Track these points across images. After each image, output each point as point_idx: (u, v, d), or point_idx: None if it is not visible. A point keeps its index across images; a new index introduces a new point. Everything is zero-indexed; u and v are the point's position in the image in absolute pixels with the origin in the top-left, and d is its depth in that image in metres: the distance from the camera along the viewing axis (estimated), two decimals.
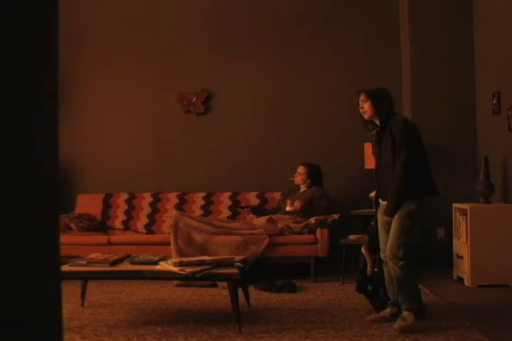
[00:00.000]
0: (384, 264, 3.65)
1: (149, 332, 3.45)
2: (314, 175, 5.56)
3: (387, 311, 3.65)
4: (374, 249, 3.82)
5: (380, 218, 3.65)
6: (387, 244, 3.53)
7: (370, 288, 3.92)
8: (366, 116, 3.70)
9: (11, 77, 0.90)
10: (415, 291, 3.52)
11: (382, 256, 3.68)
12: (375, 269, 3.84)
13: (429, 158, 3.61)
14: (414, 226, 3.51)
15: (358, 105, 3.74)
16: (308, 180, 5.55)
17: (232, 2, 6.26)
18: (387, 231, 3.58)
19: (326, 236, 5.10)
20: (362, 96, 3.71)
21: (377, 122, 3.67)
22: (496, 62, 5.17)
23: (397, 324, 3.41)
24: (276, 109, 6.16)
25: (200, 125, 6.23)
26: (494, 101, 5.11)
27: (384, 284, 3.70)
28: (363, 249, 3.93)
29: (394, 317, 3.56)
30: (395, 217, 3.48)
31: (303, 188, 5.60)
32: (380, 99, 3.65)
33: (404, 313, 3.45)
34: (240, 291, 3.78)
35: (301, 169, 5.58)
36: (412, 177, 3.45)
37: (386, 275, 3.64)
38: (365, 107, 3.68)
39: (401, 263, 3.45)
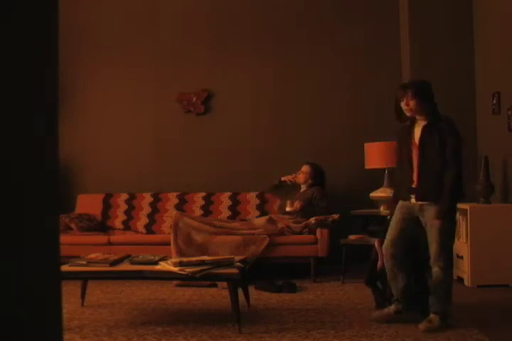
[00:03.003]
0: (387, 260, 3.62)
1: (149, 332, 3.45)
2: (317, 175, 5.55)
3: (392, 308, 3.61)
4: None
5: (400, 215, 3.59)
6: (431, 246, 3.48)
7: (379, 285, 3.89)
8: (409, 113, 3.53)
9: (11, 77, 0.90)
10: (448, 294, 3.49)
11: (384, 252, 3.64)
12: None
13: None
14: (455, 227, 3.57)
15: (399, 99, 3.54)
16: (310, 180, 5.55)
17: (232, 2, 6.26)
18: (401, 229, 3.57)
19: (326, 236, 5.10)
20: (409, 93, 3.50)
21: (420, 118, 3.52)
22: (496, 62, 5.17)
23: (423, 325, 3.40)
24: (276, 108, 6.16)
25: (200, 125, 6.23)
26: (494, 101, 5.11)
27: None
28: (376, 243, 3.91)
29: (398, 314, 3.56)
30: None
31: (303, 188, 5.60)
32: (427, 96, 3.51)
33: (431, 316, 3.44)
34: (240, 291, 3.78)
35: (305, 168, 5.57)
36: (460, 180, 3.47)
37: (389, 273, 3.61)
38: (411, 104, 3.50)
39: (443, 265, 3.44)
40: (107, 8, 6.35)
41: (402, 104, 3.53)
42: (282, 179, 5.60)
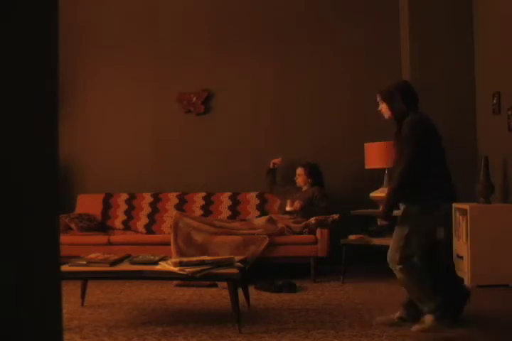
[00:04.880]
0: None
1: (149, 332, 3.45)
2: (314, 174, 5.59)
3: (396, 314, 3.58)
4: None
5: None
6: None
7: None
8: (386, 117, 3.58)
9: (11, 77, 0.90)
10: (424, 290, 3.38)
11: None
12: None
13: (445, 161, 3.44)
14: (417, 232, 3.38)
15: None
16: (309, 180, 5.58)
17: (232, 2, 6.26)
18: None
19: (326, 236, 5.10)
20: (378, 98, 3.59)
21: (395, 121, 3.54)
22: (495, 62, 5.17)
23: (414, 327, 3.35)
24: (276, 108, 6.17)
25: (200, 125, 6.23)
26: (494, 101, 5.11)
27: None
28: None
29: (401, 320, 3.52)
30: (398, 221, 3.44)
31: (304, 188, 5.62)
32: (393, 99, 3.50)
33: (425, 317, 3.36)
34: (240, 291, 3.78)
35: (299, 170, 5.63)
36: (412, 184, 3.32)
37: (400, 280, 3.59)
38: (382, 109, 3.57)
39: (399, 267, 3.38)
40: (107, 8, 6.35)
41: (378, 109, 3.62)
42: (272, 161, 5.78)
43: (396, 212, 3.62)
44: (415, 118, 3.42)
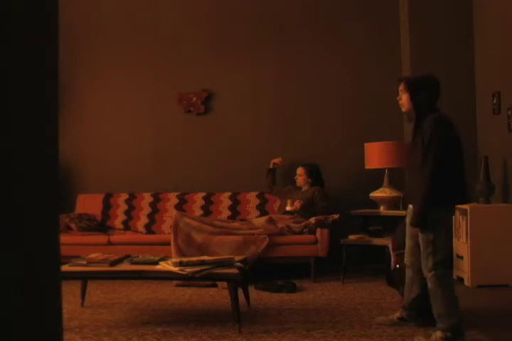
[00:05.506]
0: (407, 268, 3.51)
1: (149, 332, 3.45)
2: (314, 174, 5.60)
3: (396, 314, 3.56)
4: (398, 245, 3.75)
5: (408, 221, 3.40)
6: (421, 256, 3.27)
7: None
8: (404, 109, 3.33)
9: (11, 77, 0.90)
10: (450, 305, 3.17)
11: (405, 260, 3.53)
12: (397, 266, 3.79)
13: (463, 161, 3.28)
14: (442, 234, 3.20)
15: (398, 94, 3.35)
16: (309, 180, 5.59)
17: (232, 2, 6.26)
18: (411, 236, 3.41)
19: (326, 236, 5.10)
20: (401, 86, 3.30)
21: (413, 116, 3.28)
22: (495, 62, 5.17)
23: (417, 338, 3.19)
24: (276, 108, 6.16)
25: (200, 125, 6.23)
26: (494, 101, 5.10)
27: (404, 282, 3.58)
28: (390, 245, 3.89)
29: (401, 321, 3.50)
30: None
31: (304, 188, 5.62)
32: (420, 91, 3.23)
33: (436, 332, 3.16)
34: (240, 291, 3.78)
35: (300, 170, 5.64)
36: (437, 186, 3.12)
37: (406, 280, 3.53)
38: (403, 99, 3.30)
39: (431, 273, 3.18)
40: (107, 9, 6.34)
41: (398, 99, 3.35)
42: (272, 161, 5.78)
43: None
44: (441, 117, 3.22)
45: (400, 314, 3.57)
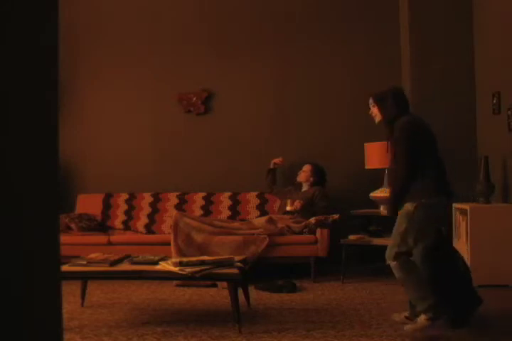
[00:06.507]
0: None
1: (149, 332, 3.45)
2: (318, 174, 5.61)
3: (404, 313, 3.59)
4: None
5: None
6: None
7: None
8: (376, 121, 3.65)
9: (11, 77, 0.90)
10: (421, 289, 3.38)
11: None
12: None
13: (439, 159, 3.47)
14: (410, 227, 3.40)
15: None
16: (311, 178, 5.59)
17: (232, 2, 6.26)
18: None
19: (326, 236, 5.10)
20: (370, 101, 3.65)
21: (386, 125, 3.58)
22: (496, 62, 5.16)
23: (407, 326, 3.37)
24: (276, 108, 6.17)
25: (200, 125, 6.23)
26: (494, 101, 5.10)
27: None
28: None
29: (407, 319, 3.52)
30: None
31: (305, 187, 5.62)
32: (387, 103, 3.54)
33: (420, 317, 3.38)
34: (240, 291, 3.78)
35: (306, 167, 5.65)
36: (407, 186, 3.38)
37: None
38: (374, 112, 3.63)
39: (393, 263, 3.41)
40: (107, 8, 6.35)
41: (370, 113, 3.68)
42: (273, 161, 5.79)
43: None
44: (405, 121, 3.46)
45: (406, 312, 3.59)
